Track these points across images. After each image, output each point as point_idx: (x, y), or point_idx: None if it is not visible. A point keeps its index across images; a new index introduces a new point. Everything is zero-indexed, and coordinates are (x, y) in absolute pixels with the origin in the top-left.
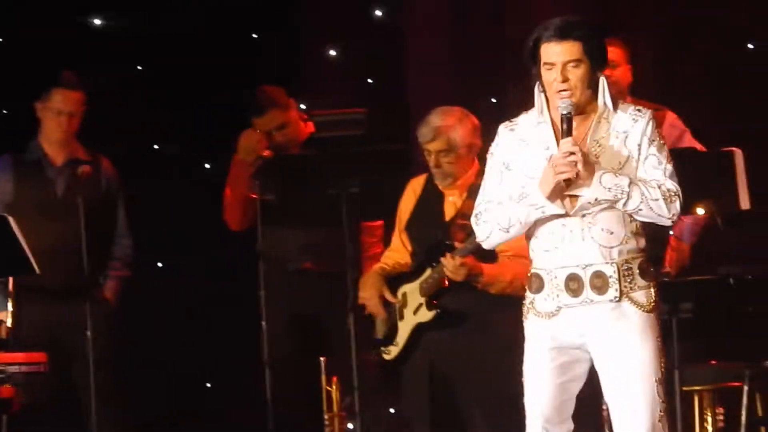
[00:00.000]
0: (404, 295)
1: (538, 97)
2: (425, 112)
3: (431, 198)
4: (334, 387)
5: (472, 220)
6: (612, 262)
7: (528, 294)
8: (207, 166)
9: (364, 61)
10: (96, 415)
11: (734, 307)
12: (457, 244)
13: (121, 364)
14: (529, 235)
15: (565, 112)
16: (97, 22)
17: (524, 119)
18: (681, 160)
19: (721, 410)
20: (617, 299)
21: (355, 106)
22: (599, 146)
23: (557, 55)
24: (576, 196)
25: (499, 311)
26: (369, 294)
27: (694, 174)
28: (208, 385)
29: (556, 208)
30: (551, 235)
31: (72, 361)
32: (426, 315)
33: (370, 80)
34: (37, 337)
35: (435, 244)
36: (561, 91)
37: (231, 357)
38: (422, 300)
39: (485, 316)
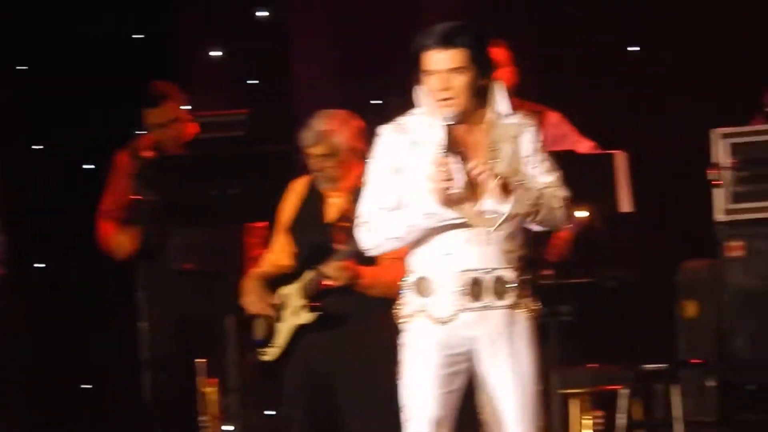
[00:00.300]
0: (285, 296)
1: (425, 100)
2: (310, 112)
3: (314, 200)
4: (212, 388)
5: (357, 227)
6: (512, 267)
7: (414, 299)
8: (87, 166)
9: (248, 61)
10: None
11: (613, 311)
12: (339, 247)
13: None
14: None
15: (446, 123)
16: None
17: (413, 120)
18: (560, 163)
19: (599, 413)
20: (514, 305)
21: (239, 106)
22: (494, 153)
23: (440, 62)
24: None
25: (380, 314)
26: (250, 298)
27: (572, 177)
28: (88, 386)
29: (452, 215)
30: (451, 239)
31: None
32: (306, 317)
33: (253, 81)
34: None
35: (316, 246)
36: (443, 99)
37: (110, 358)
38: (303, 302)
39: (366, 319)
